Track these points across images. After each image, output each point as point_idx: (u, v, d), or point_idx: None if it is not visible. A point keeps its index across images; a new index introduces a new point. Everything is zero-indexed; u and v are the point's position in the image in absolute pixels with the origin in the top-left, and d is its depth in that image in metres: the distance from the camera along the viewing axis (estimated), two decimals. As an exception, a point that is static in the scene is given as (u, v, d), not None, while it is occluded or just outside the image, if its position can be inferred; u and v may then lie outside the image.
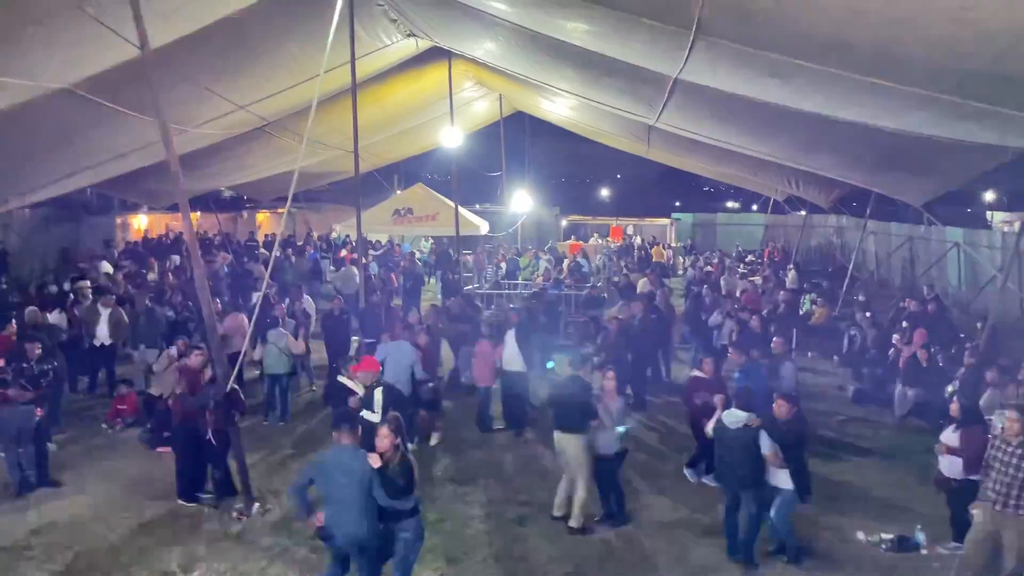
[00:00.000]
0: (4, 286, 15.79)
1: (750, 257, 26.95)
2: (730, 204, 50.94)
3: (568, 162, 54.10)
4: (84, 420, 10.95)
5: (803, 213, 25.14)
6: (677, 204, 46.63)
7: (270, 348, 10.91)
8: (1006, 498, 6.05)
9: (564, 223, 35.58)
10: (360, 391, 7.98)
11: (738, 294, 16.27)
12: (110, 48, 9.68)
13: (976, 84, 6.28)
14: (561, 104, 18.37)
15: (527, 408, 10.73)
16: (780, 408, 6.96)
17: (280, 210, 31.99)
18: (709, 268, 22.32)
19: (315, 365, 13.02)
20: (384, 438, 5.63)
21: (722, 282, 19.56)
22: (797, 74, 7.54)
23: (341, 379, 8.53)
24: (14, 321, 10.22)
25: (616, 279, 18.21)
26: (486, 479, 8.89)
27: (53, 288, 15.50)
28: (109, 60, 10.37)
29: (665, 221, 36.40)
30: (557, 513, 7.73)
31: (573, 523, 7.52)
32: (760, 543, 7.03)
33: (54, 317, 12.04)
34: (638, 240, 31.83)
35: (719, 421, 7.09)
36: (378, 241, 27.61)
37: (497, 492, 8.55)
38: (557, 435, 7.59)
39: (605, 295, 15.75)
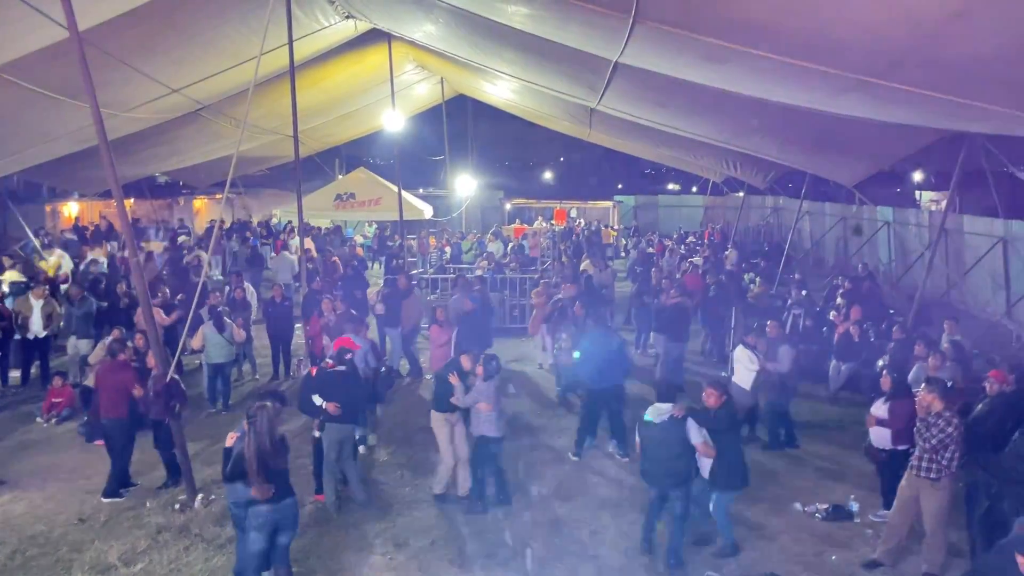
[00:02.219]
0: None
1: (691, 238, 27.39)
2: (671, 186, 51.59)
3: (512, 145, 54.04)
4: (18, 414, 10.62)
5: (741, 194, 25.65)
6: (619, 187, 47.04)
7: (211, 336, 10.74)
8: (919, 463, 6.39)
9: (508, 206, 35.62)
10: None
11: (679, 275, 16.55)
12: (36, 29, 9.33)
13: (905, 68, 6.50)
14: (503, 87, 18.36)
15: None
16: (709, 398, 6.88)
17: (218, 196, 31.33)
18: (651, 250, 22.63)
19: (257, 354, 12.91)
20: None
21: (663, 263, 19.89)
22: (732, 58, 7.69)
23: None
24: None
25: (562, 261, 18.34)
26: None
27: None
28: (35, 42, 10.00)
29: (608, 204, 36.71)
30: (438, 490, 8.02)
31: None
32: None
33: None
34: (581, 223, 32.05)
35: (643, 419, 6.85)
36: (318, 228, 27.25)
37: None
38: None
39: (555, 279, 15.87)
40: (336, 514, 7.57)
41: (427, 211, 23.11)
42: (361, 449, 9.02)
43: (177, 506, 7.70)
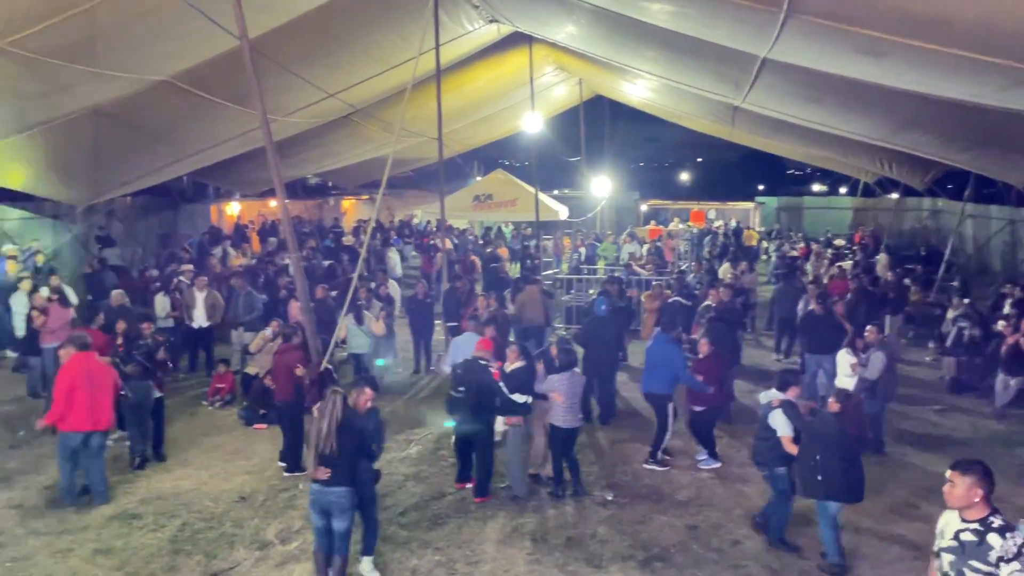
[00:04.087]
0: (111, 273, 16.60)
1: (839, 241, 26.10)
2: (816, 187, 49.34)
3: (647, 146, 53.36)
4: (186, 398, 11.52)
5: (895, 196, 24.20)
6: (761, 187, 45.45)
7: (351, 328, 11.30)
8: None
9: (644, 208, 35.19)
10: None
11: (825, 280, 15.84)
12: (209, 40, 10.10)
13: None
14: (642, 86, 18.18)
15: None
16: (832, 405, 6.78)
17: (364, 196, 32.74)
18: (795, 253, 21.75)
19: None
20: None
21: (808, 267, 19.08)
22: (892, 51, 7.30)
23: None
24: (101, 314, 10.75)
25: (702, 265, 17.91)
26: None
27: (154, 272, 16.30)
28: (208, 52, 10.83)
29: (749, 205, 35.58)
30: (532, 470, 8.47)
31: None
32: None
33: (159, 300, 12.67)
34: (721, 224, 31.23)
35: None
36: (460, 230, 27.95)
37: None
38: None
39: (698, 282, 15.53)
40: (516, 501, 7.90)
41: (562, 212, 23.22)
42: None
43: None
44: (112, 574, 6.45)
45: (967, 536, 3.94)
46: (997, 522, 3.91)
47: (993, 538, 3.86)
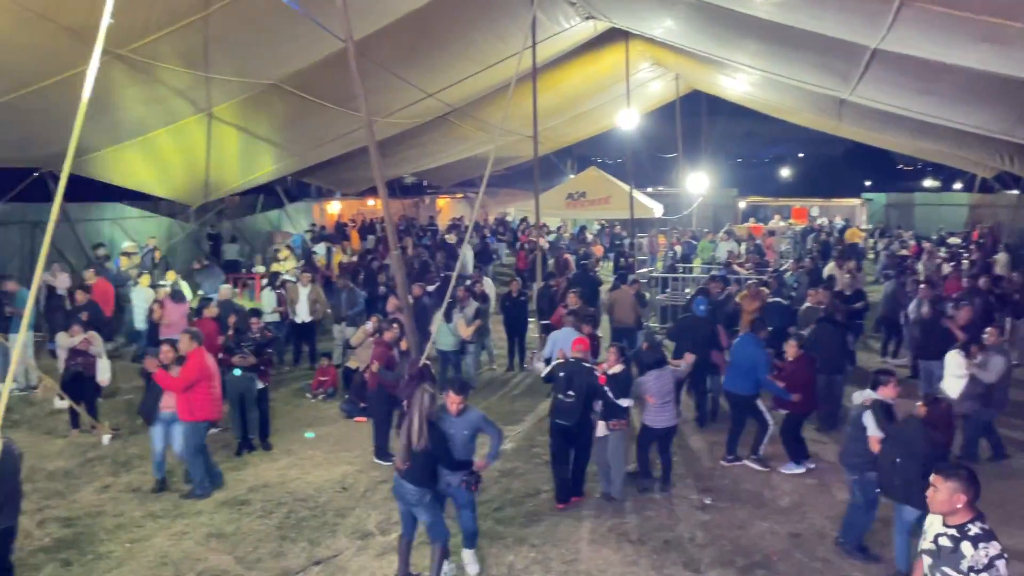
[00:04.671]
0: (219, 269, 17.39)
1: (953, 239, 24.75)
2: (928, 182, 46.94)
3: (746, 141, 51.97)
4: (291, 390, 11.95)
5: (1016, 192, 22.77)
6: (867, 183, 43.57)
7: (441, 326, 11.42)
8: None
9: (742, 205, 34.31)
10: None
11: (939, 280, 15.05)
12: (314, 44, 10.45)
13: None
14: (742, 80, 17.73)
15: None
16: (920, 409, 6.55)
17: (458, 195, 33.19)
18: (905, 252, 20.76)
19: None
20: None
21: (920, 267, 18.18)
22: (1016, 38, 6.87)
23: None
24: (215, 305, 11.27)
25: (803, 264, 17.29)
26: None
27: (261, 268, 16.97)
28: (313, 56, 11.21)
29: (855, 201, 34.18)
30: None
31: None
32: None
33: (265, 296, 13.18)
34: (824, 222, 30.13)
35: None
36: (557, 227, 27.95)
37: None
38: None
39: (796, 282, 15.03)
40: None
41: (657, 209, 22.90)
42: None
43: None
44: (223, 557, 6.75)
45: (944, 541, 3.95)
46: (974, 530, 3.87)
47: (966, 546, 3.84)
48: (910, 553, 6.25)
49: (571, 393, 7.58)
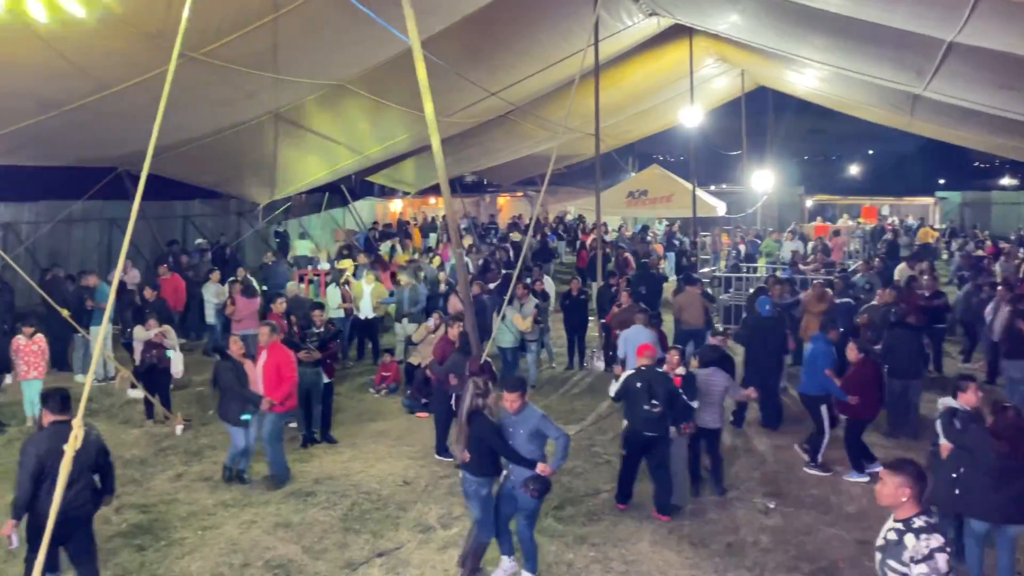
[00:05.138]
0: (285, 266, 17.82)
1: (1032, 239, 23.76)
2: (1006, 181, 45.11)
3: (813, 138, 50.84)
4: (355, 385, 12.16)
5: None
6: (941, 181, 42.10)
7: (500, 323, 11.47)
8: None
9: (809, 203, 33.54)
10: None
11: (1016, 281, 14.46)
12: (380, 45, 10.61)
13: None
14: (810, 76, 17.35)
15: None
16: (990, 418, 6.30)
17: (518, 193, 33.28)
18: (981, 252, 20.01)
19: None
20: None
21: (997, 268, 17.52)
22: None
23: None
24: (284, 300, 11.53)
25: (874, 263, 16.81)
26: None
27: (326, 265, 17.31)
28: (377, 56, 11.39)
29: (928, 200, 33.08)
30: None
31: None
32: None
33: (331, 291, 13.43)
34: (894, 221, 29.24)
35: None
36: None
37: (740, 479, 8.37)
38: None
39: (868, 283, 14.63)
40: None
41: (720, 208, 22.59)
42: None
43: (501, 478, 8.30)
44: (290, 547, 6.92)
45: (891, 535, 4.02)
46: (919, 523, 3.94)
47: (909, 538, 3.91)
48: (982, 563, 6.07)
49: (655, 403, 7.34)
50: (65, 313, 10.18)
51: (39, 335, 9.73)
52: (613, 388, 7.85)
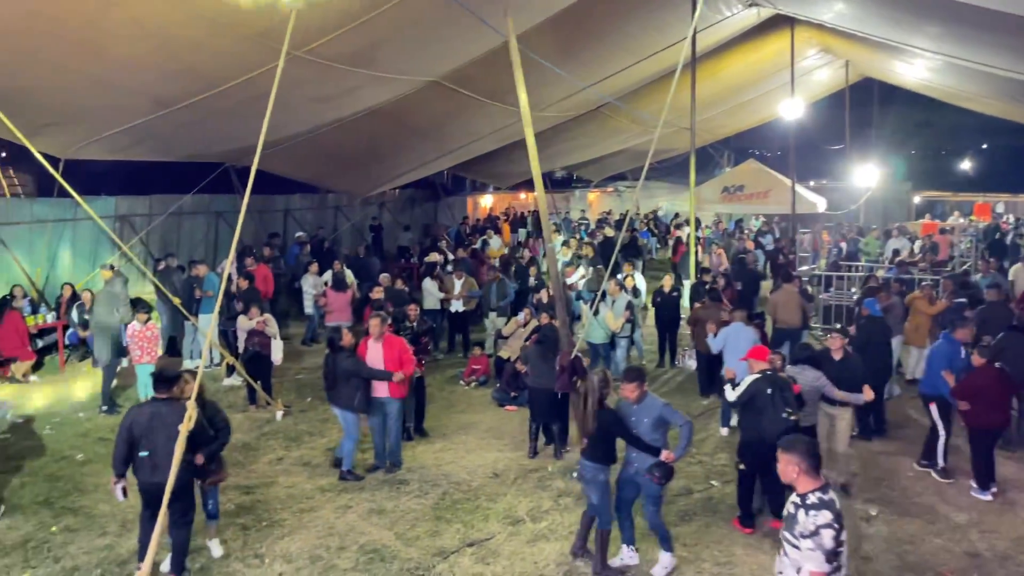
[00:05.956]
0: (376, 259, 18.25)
1: None
2: None
3: (921, 132, 48.28)
4: (445, 377, 12.34)
5: None
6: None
7: (590, 319, 11.39)
8: None
9: (916, 200, 32.01)
10: None
11: None
12: (474, 41, 10.69)
13: None
14: (920, 66, 16.53)
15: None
16: None
17: (608, 189, 33.03)
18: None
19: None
20: None
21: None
22: None
23: None
24: (381, 287, 11.79)
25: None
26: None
27: (415, 260, 17.63)
28: (471, 52, 11.47)
29: (1047, 197, 31.10)
30: None
31: None
32: None
33: (427, 284, 13.61)
34: (1010, 219, 27.58)
35: None
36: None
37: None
38: None
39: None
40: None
41: (820, 204, 21.80)
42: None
43: (575, 474, 8.28)
44: (384, 532, 7.08)
45: (789, 508, 4.17)
46: (812, 499, 4.05)
47: (800, 514, 4.04)
48: None
49: (789, 410, 6.92)
50: (176, 301, 10.68)
51: (152, 321, 10.26)
52: (733, 392, 7.31)
